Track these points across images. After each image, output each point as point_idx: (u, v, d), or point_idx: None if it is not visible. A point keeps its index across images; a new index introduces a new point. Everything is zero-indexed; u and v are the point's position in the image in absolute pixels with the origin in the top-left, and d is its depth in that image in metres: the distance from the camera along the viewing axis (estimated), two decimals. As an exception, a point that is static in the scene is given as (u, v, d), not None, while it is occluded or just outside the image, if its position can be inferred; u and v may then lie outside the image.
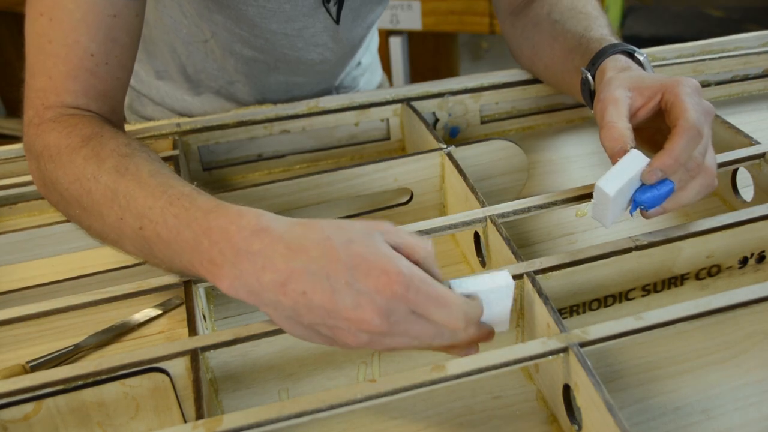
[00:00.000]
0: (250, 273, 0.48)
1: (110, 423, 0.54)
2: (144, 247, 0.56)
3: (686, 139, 0.55)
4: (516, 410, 0.56)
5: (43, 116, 0.63)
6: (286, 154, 0.88)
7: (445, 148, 0.75)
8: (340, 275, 0.46)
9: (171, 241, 0.53)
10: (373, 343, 0.48)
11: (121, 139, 0.61)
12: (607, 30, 0.73)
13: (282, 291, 0.47)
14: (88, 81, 0.64)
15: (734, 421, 0.53)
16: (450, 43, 2.33)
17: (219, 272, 0.49)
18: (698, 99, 0.58)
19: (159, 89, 0.94)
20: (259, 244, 0.48)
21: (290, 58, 0.87)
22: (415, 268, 0.47)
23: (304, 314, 0.47)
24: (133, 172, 0.56)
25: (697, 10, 2.31)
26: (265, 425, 0.46)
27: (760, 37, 0.94)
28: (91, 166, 0.58)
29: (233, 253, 0.49)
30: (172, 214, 0.53)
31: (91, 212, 0.58)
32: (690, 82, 0.59)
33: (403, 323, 0.47)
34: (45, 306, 0.59)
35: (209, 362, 0.55)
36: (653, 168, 0.55)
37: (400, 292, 0.46)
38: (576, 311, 0.61)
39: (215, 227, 0.50)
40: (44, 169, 0.61)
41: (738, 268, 0.64)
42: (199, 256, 0.51)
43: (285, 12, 0.80)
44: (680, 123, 0.56)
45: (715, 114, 0.60)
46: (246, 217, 0.50)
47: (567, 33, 0.75)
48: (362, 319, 0.46)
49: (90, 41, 0.63)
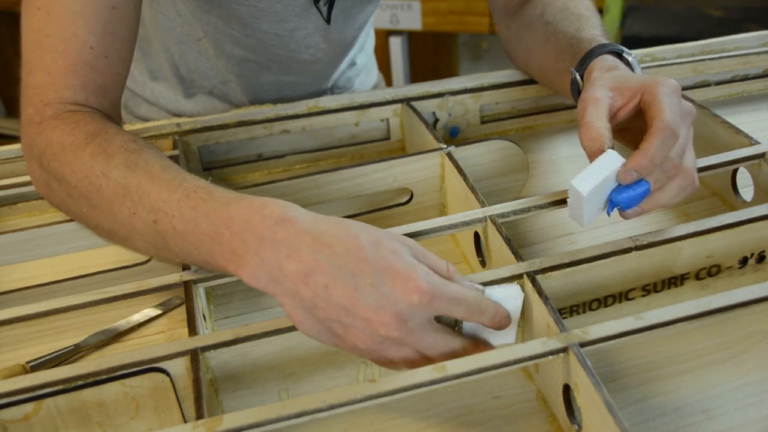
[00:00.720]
0: (273, 261, 0.48)
1: (110, 423, 0.54)
2: (157, 242, 0.55)
3: (661, 139, 0.55)
4: (516, 410, 0.56)
5: (43, 114, 0.63)
6: (286, 154, 0.88)
7: (445, 148, 0.75)
8: (366, 275, 0.47)
9: (188, 233, 0.52)
10: (382, 349, 0.48)
11: (126, 135, 0.61)
12: (598, 30, 0.73)
13: (304, 281, 0.47)
14: (88, 75, 0.64)
15: (734, 421, 0.53)
16: (450, 43, 2.33)
17: (241, 262, 0.49)
18: (677, 99, 0.58)
19: (153, 90, 0.94)
20: (283, 234, 0.48)
21: (282, 58, 0.87)
22: (437, 277, 0.48)
23: (322, 308, 0.47)
24: (144, 168, 0.56)
25: (697, 10, 2.31)
26: (265, 425, 0.46)
27: (760, 37, 0.94)
28: (100, 162, 0.57)
29: (257, 242, 0.49)
30: (189, 206, 0.52)
31: (101, 209, 0.57)
32: (669, 82, 0.59)
33: (418, 332, 0.48)
34: (45, 306, 0.59)
35: (209, 362, 0.55)
36: (628, 168, 0.55)
37: (425, 300, 0.47)
38: (576, 311, 0.61)
39: (236, 217, 0.50)
40: (48, 168, 0.61)
41: (738, 268, 0.64)
42: (219, 248, 0.51)
43: (276, 12, 0.80)
44: (655, 123, 0.56)
45: (694, 115, 0.60)
46: (270, 207, 0.50)
47: (558, 34, 0.75)
48: (381, 321, 0.47)
49: (89, 34, 0.63)
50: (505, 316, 0.52)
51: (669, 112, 0.56)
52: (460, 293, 0.49)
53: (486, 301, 0.51)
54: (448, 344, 0.50)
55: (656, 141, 0.55)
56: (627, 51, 0.67)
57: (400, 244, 0.50)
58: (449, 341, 0.50)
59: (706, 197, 0.76)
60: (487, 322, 0.51)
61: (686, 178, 0.58)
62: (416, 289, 0.47)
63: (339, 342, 0.49)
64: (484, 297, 0.51)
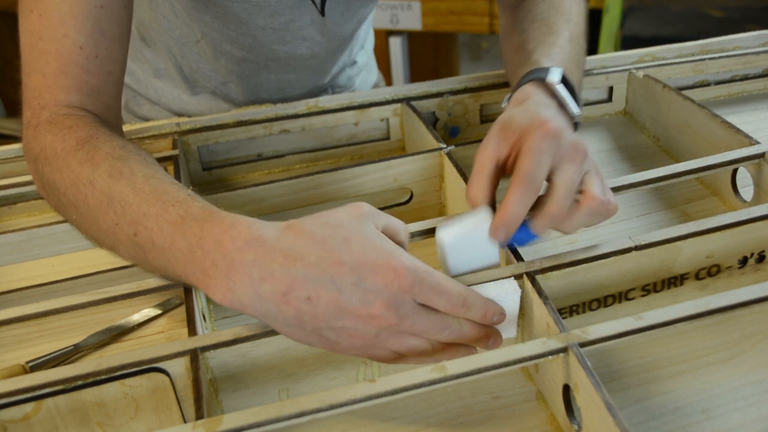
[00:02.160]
0: (246, 285, 0.47)
1: (110, 423, 0.54)
2: (138, 254, 0.55)
3: (519, 193, 0.53)
4: (516, 410, 0.56)
5: (39, 117, 0.63)
6: (286, 153, 0.88)
7: (444, 147, 0.75)
8: (345, 277, 0.47)
9: (165, 248, 0.52)
10: (380, 342, 0.49)
11: (115, 141, 0.60)
12: (553, 49, 0.69)
13: (284, 300, 0.47)
14: (80, 76, 0.64)
15: (734, 421, 0.53)
16: (450, 43, 2.33)
17: (211, 283, 0.49)
18: (547, 145, 0.54)
19: (156, 88, 0.94)
20: (253, 255, 0.48)
21: (279, 54, 0.87)
22: (416, 260, 0.49)
23: (308, 320, 0.48)
24: (128, 177, 0.56)
25: (697, 10, 2.31)
26: (265, 425, 0.46)
27: (760, 36, 0.94)
28: (86, 170, 0.58)
29: (227, 264, 0.48)
30: (167, 221, 0.52)
31: (87, 218, 0.58)
32: (544, 128, 0.55)
33: (411, 315, 0.48)
34: (45, 306, 0.59)
35: (209, 362, 0.55)
36: (495, 226, 0.54)
37: (407, 285, 0.47)
38: (576, 311, 0.61)
39: (208, 237, 0.49)
40: (42, 172, 0.61)
41: (738, 268, 0.64)
42: (192, 266, 0.50)
43: (270, 5, 0.80)
44: (514, 175, 0.54)
45: (585, 151, 0.56)
46: (238, 228, 0.49)
47: (522, 48, 0.73)
48: (372, 314, 0.47)
49: (78, 34, 0.63)
50: (498, 312, 0.52)
51: (528, 163, 0.54)
52: (443, 284, 0.49)
53: (474, 296, 0.50)
54: (447, 324, 0.50)
55: (515, 196, 0.53)
56: (549, 78, 0.64)
57: (365, 223, 0.49)
58: (447, 321, 0.50)
59: (706, 197, 0.77)
60: (477, 319, 0.51)
61: (593, 206, 0.55)
62: (397, 277, 0.47)
63: (335, 346, 0.49)
64: (472, 292, 0.51)
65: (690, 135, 0.80)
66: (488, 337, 0.52)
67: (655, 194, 0.77)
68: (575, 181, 0.55)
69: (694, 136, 0.79)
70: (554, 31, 0.73)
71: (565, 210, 0.54)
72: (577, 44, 0.72)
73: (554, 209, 0.54)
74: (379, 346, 0.49)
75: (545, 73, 0.64)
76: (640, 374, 0.57)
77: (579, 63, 0.71)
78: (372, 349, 0.49)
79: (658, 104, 0.85)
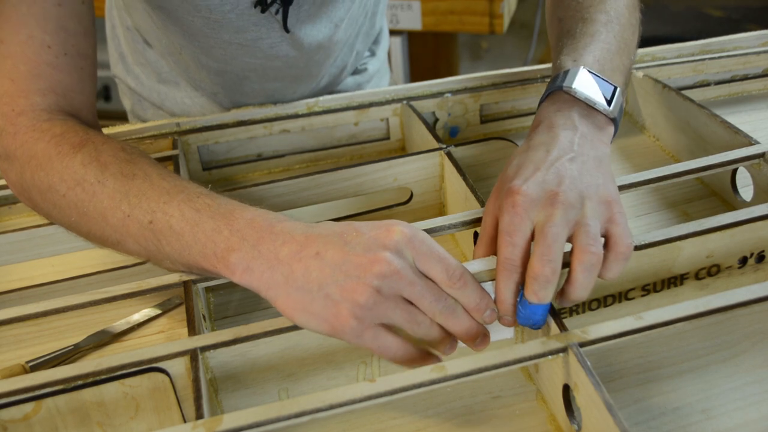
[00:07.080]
0: (270, 251, 0.51)
1: (110, 423, 0.54)
2: (150, 243, 0.56)
3: (502, 281, 0.52)
4: (516, 410, 0.56)
5: (17, 124, 0.61)
6: (286, 153, 0.88)
7: (444, 147, 0.75)
8: (353, 231, 0.51)
9: (185, 232, 0.54)
10: (384, 291, 0.49)
11: (114, 143, 0.61)
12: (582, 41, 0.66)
13: (297, 258, 0.50)
14: (53, 76, 0.62)
15: (734, 421, 0.53)
16: (450, 43, 2.33)
17: (234, 258, 0.52)
18: (519, 219, 0.53)
19: (160, 92, 0.94)
20: (281, 227, 0.52)
21: (255, 66, 0.83)
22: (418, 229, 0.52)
23: (315, 277, 0.49)
24: (142, 176, 0.57)
25: (697, 10, 2.31)
26: (265, 425, 0.46)
27: (760, 36, 0.94)
28: (93, 171, 0.58)
29: (256, 236, 0.52)
30: (191, 207, 0.55)
31: (92, 216, 0.58)
32: (513, 198, 0.53)
33: (410, 270, 0.50)
34: (44, 306, 0.59)
35: (209, 362, 0.55)
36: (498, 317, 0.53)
37: (408, 235, 0.50)
38: (576, 311, 0.61)
39: (240, 218, 0.53)
40: (33, 178, 0.60)
41: (737, 267, 0.64)
42: (214, 246, 0.53)
43: (231, 22, 0.76)
44: (497, 259, 0.54)
45: (562, 199, 0.53)
46: (272, 213, 0.54)
47: (555, 45, 0.71)
48: (373, 259, 0.49)
49: (43, 33, 0.61)
50: (491, 308, 0.52)
51: (503, 247, 0.53)
52: (443, 253, 0.51)
53: (472, 279, 0.51)
54: (443, 296, 0.50)
55: (498, 284, 0.53)
56: (568, 85, 0.62)
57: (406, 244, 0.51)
58: (443, 294, 0.50)
59: (705, 197, 0.77)
60: (471, 304, 0.51)
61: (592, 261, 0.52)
62: (400, 230, 0.51)
63: (337, 312, 0.49)
64: (470, 274, 0.51)
65: (690, 135, 0.80)
66: (477, 334, 0.52)
67: (655, 194, 0.77)
68: (557, 233, 0.52)
69: (694, 136, 0.79)
70: (587, 18, 0.68)
71: (552, 266, 0.51)
72: (617, 25, 0.68)
73: (535, 271, 0.51)
74: (383, 299, 0.49)
75: (563, 80, 0.62)
76: (640, 374, 0.57)
77: (620, 46, 0.67)
78: (376, 306, 0.48)
79: (657, 104, 0.85)
